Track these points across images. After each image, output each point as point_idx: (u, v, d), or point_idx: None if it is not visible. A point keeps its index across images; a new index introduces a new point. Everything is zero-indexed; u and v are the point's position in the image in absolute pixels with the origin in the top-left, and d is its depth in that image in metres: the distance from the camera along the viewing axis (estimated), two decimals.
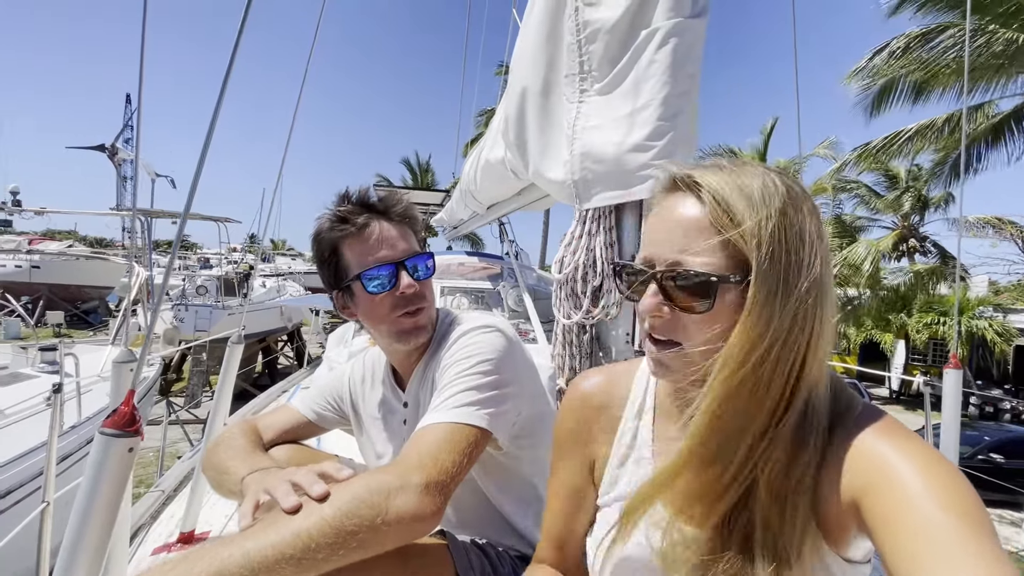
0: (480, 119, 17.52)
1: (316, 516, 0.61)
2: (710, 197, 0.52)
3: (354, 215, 0.96)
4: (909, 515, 0.43)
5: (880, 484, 0.46)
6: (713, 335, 0.52)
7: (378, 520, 0.63)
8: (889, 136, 11.76)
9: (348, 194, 0.99)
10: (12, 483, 3.50)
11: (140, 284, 8.25)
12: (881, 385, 17.82)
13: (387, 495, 0.66)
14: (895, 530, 0.43)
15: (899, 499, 0.45)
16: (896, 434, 0.51)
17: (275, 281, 16.83)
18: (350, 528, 0.61)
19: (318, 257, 1.01)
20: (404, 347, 1.01)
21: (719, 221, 0.51)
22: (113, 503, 0.82)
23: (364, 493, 0.65)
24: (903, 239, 16.00)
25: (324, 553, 0.60)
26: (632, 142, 1.30)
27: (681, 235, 0.53)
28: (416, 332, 0.99)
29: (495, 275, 4.72)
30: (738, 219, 0.50)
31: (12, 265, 18.07)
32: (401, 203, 1.01)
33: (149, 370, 6.22)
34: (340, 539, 0.61)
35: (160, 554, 1.96)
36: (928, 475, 0.45)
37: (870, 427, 0.52)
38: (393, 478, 0.68)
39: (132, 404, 0.82)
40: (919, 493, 0.44)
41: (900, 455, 0.48)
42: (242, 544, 0.58)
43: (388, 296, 0.96)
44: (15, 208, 10.33)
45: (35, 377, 5.40)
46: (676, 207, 0.54)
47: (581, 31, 1.42)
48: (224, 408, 2.24)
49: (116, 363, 1.29)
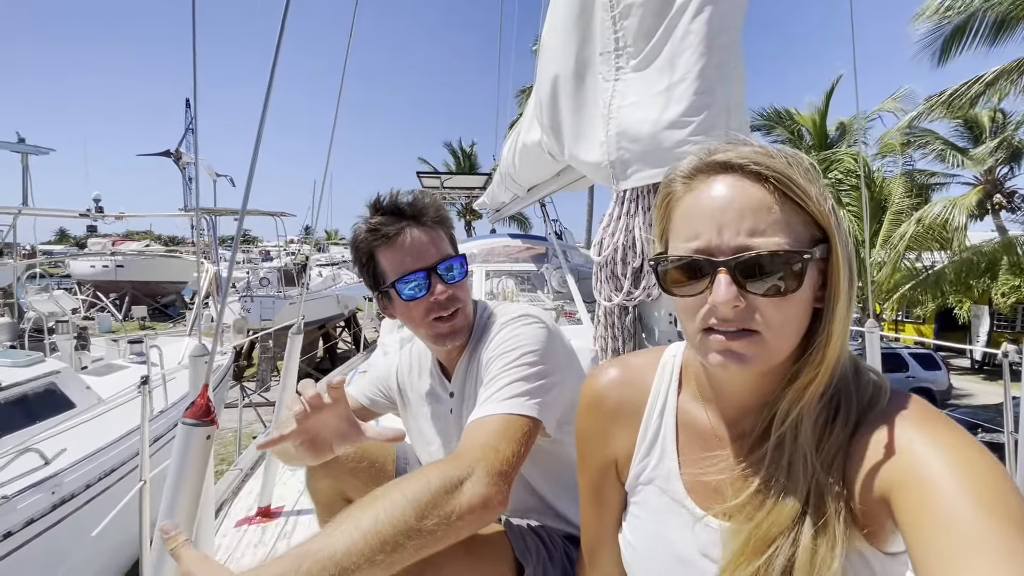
0: (519, 98, 17.26)
1: (400, 520, 0.64)
2: (771, 173, 0.50)
3: (385, 225, 0.99)
4: (936, 509, 0.41)
5: (909, 477, 0.45)
6: (790, 316, 0.51)
7: (453, 516, 0.67)
8: (968, 81, 10.63)
9: (379, 202, 1.01)
10: (114, 463, 3.92)
11: (209, 278, 8.86)
12: (962, 355, 16.51)
13: (459, 489, 0.69)
14: (921, 525, 0.41)
15: (926, 492, 0.42)
16: (928, 423, 0.48)
17: (330, 270, 17.55)
18: (430, 527, 0.65)
19: (357, 263, 1.05)
20: (442, 348, 1.05)
21: (790, 196, 0.50)
22: (197, 484, 0.92)
23: (439, 491, 0.68)
24: (988, 195, 14.53)
25: (408, 553, 0.64)
26: (668, 119, 1.27)
27: (747, 217, 0.50)
28: (452, 336, 1.01)
29: (539, 256, 4.72)
30: (804, 191, 0.50)
31: (100, 265, 19.88)
32: (432, 207, 1.02)
33: (223, 358, 6.72)
34: (421, 538, 0.65)
35: (243, 526, 2.16)
36: (959, 467, 0.42)
37: (900, 416, 0.50)
38: (461, 471, 0.71)
39: (207, 396, 0.91)
40: (948, 486, 0.41)
41: (930, 446, 0.45)
42: (333, 554, 0.60)
43: (423, 302, 0.99)
44: (98, 214, 11.28)
45: (126, 367, 5.97)
46: (726, 189, 0.51)
47: (615, 6, 1.38)
48: (290, 393, 2.41)
49: (192, 357, 1.42)
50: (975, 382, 14.50)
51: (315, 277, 15.11)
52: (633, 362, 0.72)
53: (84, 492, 3.62)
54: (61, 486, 3.45)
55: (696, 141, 1.26)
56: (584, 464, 0.74)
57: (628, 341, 1.54)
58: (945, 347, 14.83)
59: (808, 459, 0.51)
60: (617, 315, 1.52)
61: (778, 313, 0.50)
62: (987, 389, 13.66)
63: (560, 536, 1.03)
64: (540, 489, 1.05)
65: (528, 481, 1.04)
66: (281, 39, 1.11)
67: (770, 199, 0.50)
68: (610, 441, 0.70)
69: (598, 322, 1.60)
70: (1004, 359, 2.01)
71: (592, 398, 0.71)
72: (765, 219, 0.49)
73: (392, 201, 1.01)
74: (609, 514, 0.72)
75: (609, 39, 1.42)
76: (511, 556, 0.93)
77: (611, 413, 0.69)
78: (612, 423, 0.69)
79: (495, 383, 0.88)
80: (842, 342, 0.52)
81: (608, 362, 0.75)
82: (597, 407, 0.70)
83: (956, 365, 15.77)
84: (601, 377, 0.71)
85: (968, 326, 15.49)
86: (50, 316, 6.80)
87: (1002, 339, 11.12)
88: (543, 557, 0.96)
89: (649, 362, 0.70)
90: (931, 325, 16.15)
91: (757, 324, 0.51)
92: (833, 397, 0.53)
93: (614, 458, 0.70)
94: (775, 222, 0.49)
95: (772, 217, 0.49)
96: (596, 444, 0.71)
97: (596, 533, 0.75)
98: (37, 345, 6.10)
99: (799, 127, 16.42)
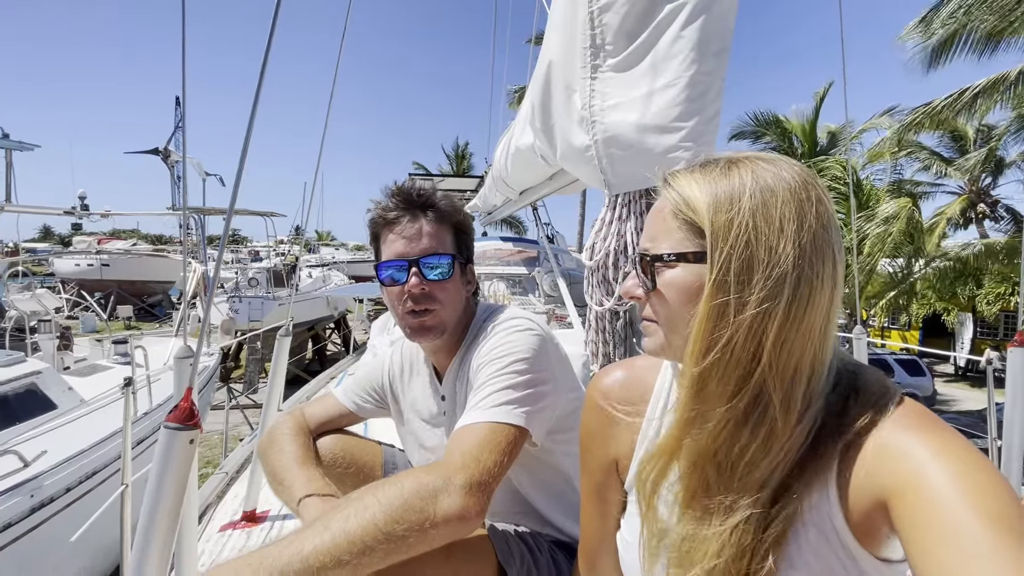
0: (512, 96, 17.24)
1: (369, 523, 0.65)
2: (674, 192, 0.56)
3: (388, 209, 1.01)
4: (937, 519, 0.40)
5: (908, 485, 0.44)
6: (680, 315, 0.56)
7: (426, 524, 0.67)
8: (955, 93, 10.84)
9: (396, 187, 1.03)
10: (96, 466, 3.84)
11: (197, 278, 8.75)
12: (946, 362, 16.75)
13: (433, 498, 0.69)
14: (921, 535, 0.41)
15: (926, 501, 0.42)
16: (928, 429, 0.48)
17: (320, 271, 17.45)
18: (400, 533, 0.65)
19: (370, 240, 1.07)
20: (415, 342, 1.05)
21: (680, 211, 0.55)
22: (179, 489, 0.90)
23: (412, 497, 0.68)
24: (971, 204, 14.80)
25: (377, 556, 0.64)
26: (657, 124, 1.27)
27: (652, 225, 0.60)
28: (421, 332, 1.00)
29: (531, 259, 4.73)
30: (696, 208, 0.54)
31: (85, 264, 19.58)
32: (443, 202, 1.03)
33: (209, 359, 6.64)
34: (391, 543, 0.65)
35: (227, 531, 2.12)
36: (960, 475, 0.42)
37: (900, 422, 0.50)
38: (438, 480, 0.71)
39: (191, 400, 0.89)
40: (948, 495, 0.41)
41: (930, 453, 0.45)
42: (300, 550, 0.62)
43: (398, 290, 0.99)
44: (84, 212, 11.10)
45: (110, 368, 5.87)
46: (657, 202, 0.60)
47: (594, 1, 1.37)
48: (277, 395, 2.38)
49: (177, 358, 1.39)
50: (959, 388, 14.73)
51: (305, 278, 15.00)
52: (638, 363, 0.74)
53: (64, 495, 3.54)
54: (40, 489, 3.37)
55: (686, 147, 1.26)
56: (587, 464, 0.74)
57: (619, 346, 1.53)
58: (930, 353, 15.03)
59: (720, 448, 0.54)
60: (608, 320, 1.52)
61: (670, 311, 0.57)
62: (970, 395, 13.88)
63: (547, 541, 1.02)
64: (528, 494, 1.04)
65: (515, 486, 1.03)
66: (272, 36, 1.10)
67: (669, 210, 0.57)
68: (613, 440, 0.71)
69: (589, 327, 1.60)
70: (988, 366, 2.04)
71: (597, 397, 0.73)
72: (662, 226, 0.58)
73: (406, 188, 1.02)
74: (611, 517, 0.72)
75: (587, 35, 1.40)
76: (494, 561, 0.91)
77: (614, 413, 0.70)
78: (615, 422, 0.70)
79: (483, 389, 0.87)
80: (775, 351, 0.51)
81: (615, 364, 0.77)
82: (601, 406, 0.72)
83: (940, 371, 16.01)
84: (607, 377, 0.74)
85: (953, 333, 15.73)
86: (32, 315, 6.67)
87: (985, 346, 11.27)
88: (528, 562, 0.95)
89: (654, 363, 0.71)
90: (916, 331, 16.38)
91: (656, 317, 0.60)
92: (758, 398, 0.53)
93: (616, 457, 0.71)
94: (669, 228, 0.57)
95: (668, 225, 0.57)
96: (599, 443, 0.72)
97: (597, 537, 0.74)
98: (19, 345, 5.98)
99: (790, 133, 16.63)
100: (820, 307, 0.51)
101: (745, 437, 0.52)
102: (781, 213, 0.51)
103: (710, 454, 0.55)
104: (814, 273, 0.51)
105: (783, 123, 16.71)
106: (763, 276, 0.50)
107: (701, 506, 0.56)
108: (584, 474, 0.75)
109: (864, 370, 0.57)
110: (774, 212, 0.51)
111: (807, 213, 0.51)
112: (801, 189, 0.52)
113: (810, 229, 0.51)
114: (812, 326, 0.51)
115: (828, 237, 0.52)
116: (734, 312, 0.51)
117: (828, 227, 0.52)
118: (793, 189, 0.52)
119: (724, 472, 0.55)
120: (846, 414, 0.53)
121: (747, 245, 0.50)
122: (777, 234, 0.50)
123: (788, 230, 0.50)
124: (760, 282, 0.50)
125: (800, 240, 0.50)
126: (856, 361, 0.59)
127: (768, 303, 0.50)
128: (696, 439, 0.55)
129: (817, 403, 0.53)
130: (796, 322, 0.50)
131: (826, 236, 0.51)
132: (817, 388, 0.53)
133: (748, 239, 0.50)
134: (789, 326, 0.50)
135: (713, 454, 0.54)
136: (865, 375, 0.56)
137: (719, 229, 0.52)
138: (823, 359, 0.53)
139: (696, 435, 0.55)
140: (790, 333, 0.50)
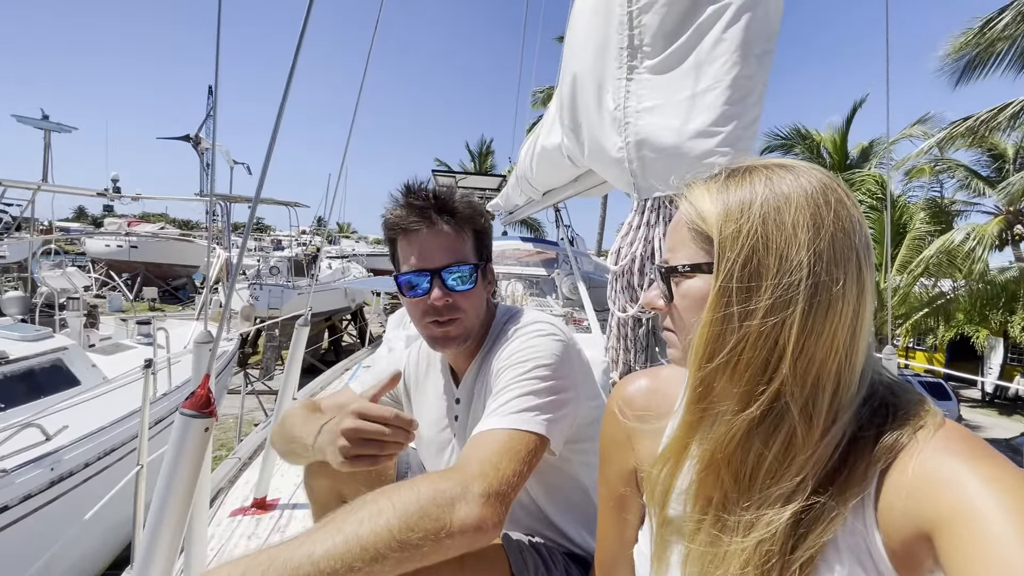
0: (536, 97, 17.16)
1: (383, 529, 0.62)
2: (687, 203, 0.56)
3: (404, 218, 0.96)
4: (990, 555, 0.37)
5: (955, 517, 0.41)
6: (693, 325, 0.55)
7: (442, 533, 0.64)
8: (995, 108, 10.46)
9: (407, 191, 0.98)
10: (114, 443, 3.93)
11: (220, 264, 8.93)
12: (973, 387, 16.19)
13: (450, 506, 0.66)
14: (969, 573, 0.38)
15: (976, 536, 0.39)
16: (977, 456, 0.44)
17: (340, 263, 17.65)
18: (415, 541, 0.62)
19: (387, 244, 1.04)
20: (437, 351, 1.02)
21: (693, 223, 0.55)
22: (192, 474, 0.90)
23: (428, 504, 0.65)
24: (1009, 225, 14.28)
25: (390, 564, 0.61)
26: (694, 128, 1.23)
27: (671, 236, 0.60)
28: (444, 342, 0.98)
29: (550, 261, 4.69)
30: (707, 219, 0.54)
31: (115, 245, 20.14)
32: (461, 205, 0.99)
33: (228, 344, 6.74)
34: (405, 551, 0.62)
35: (237, 516, 2.14)
36: (1014, 509, 0.39)
37: (945, 445, 0.46)
38: (455, 488, 0.68)
39: (208, 387, 0.88)
40: (1001, 530, 0.38)
41: (981, 483, 0.41)
42: (311, 552, 0.59)
43: (420, 302, 0.96)
44: (115, 194, 11.43)
45: (133, 348, 6.01)
46: (676, 213, 0.60)
47: (634, 1, 1.34)
48: (293, 383, 2.40)
49: (197, 343, 1.40)
50: (986, 415, 14.22)
51: (324, 269, 15.18)
52: (663, 373, 0.72)
53: (83, 471, 3.62)
54: (60, 463, 3.45)
55: (723, 152, 1.22)
56: (606, 475, 0.72)
57: (640, 353, 1.50)
58: (956, 377, 14.58)
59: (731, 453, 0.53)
60: (631, 327, 1.48)
61: (686, 321, 0.57)
62: (998, 422, 13.38)
63: (561, 553, 0.99)
64: (543, 505, 1.01)
65: (531, 495, 1.01)
66: (306, 26, 1.09)
67: (683, 221, 0.57)
68: (633, 451, 0.69)
69: (610, 332, 1.56)
70: None
71: (620, 404, 0.71)
72: (677, 238, 0.58)
73: (420, 193, 0.97)
74: (629, 530, 0.70)
75: (624, 35, 1.37)
76: (508, 572, 0.89)
77: (637, 420, 0.68)
78: (637, 432, 0.69)
79: (503, 395, 0.84)
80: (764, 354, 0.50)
81: (640, 372, 0.75)
82: (624, 413, 0.70)
83: (966, 396, 15.48)
84: (630, 386, 0.72)
85: (981, 356, 15.18)
86: (62, 292, 6.87)
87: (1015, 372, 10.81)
88: (542, 574, 0.92)
89: (680, 374, 0.69)
90: (942, 354, 15.88)
91: (674, 327, 0.60)
92: (772, 407, 0.50)
93: (636, 468, 0.69)
94: (683, 239, 0.57)
95: (683, 237, 0.57)
96: (619, 453, 0.71)
97: (614, 549, 0.72)
98: (47, 320, 6.15)
99: (819, 146, 16.27)
100: (843, 314, 0.49)
101: (759, 445, 0.51)
102: (795, 220, 0.49)
103: (724, 461, 0.53)
104: (832, 280, 0.48)
105: (814, 136, 16.36)
106: (773, 283, 0.49)
107: (719, 519, 0.54)
108: (603, 485, 0.73)
109: (902, 387, 0.54)
110: (787, 219, 0.50)
111: (824, 218, 0.49)
112: (819, 194, 0.50)
113: (828, 234, 0.49)
114: (835, 334, 0.49)
115: (850, 242, 0.49)
116: (741, 319, 0.50)
117: (850, 232, 0.50)
118: (810, 194, 0.50)
119: (742, 481, 0.53)
120: (883, 432, 0.50)
121: (754, 252, 0.50)
122: (789, 241, 0.49)
123: (802, 237, 0.49)
124: (769, 289, 0.49)
125: (816, 246, 0.48)
126: (894, 377, 0.56)
127: (781, 311, 0.49)
128: (705, 443, 0.54)
129: (845, 416, 0.50)
130: (815, 329, 0.48)
131: (848, 241, 0.49)
132: (845, 400, 0.50)
133: (755, 247, 0.50)
134: (807, 334, 0.48)
135: (728, 461, 0.53)
136: (903, 392, 0.53)
137: (726, 239, 0.51)
138: (852, 369, 0.50)
139: (704, 439, 0.54)
140: (808, 341, 0.49)
